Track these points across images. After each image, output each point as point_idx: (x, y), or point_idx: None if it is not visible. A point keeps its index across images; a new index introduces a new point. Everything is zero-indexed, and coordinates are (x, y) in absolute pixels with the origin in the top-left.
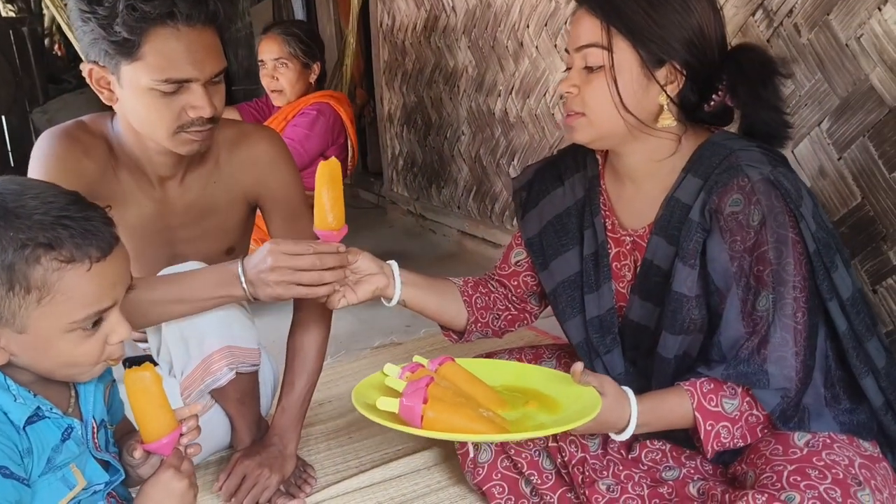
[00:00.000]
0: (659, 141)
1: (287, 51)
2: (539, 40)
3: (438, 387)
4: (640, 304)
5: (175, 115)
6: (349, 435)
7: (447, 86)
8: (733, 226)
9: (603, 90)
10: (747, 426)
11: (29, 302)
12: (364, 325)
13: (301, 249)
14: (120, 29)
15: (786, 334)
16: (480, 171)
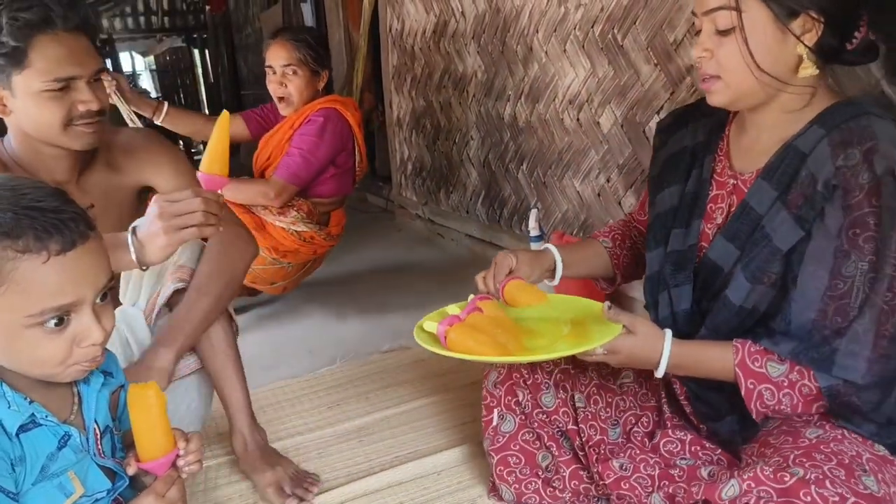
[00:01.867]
0: (794, 95)
1: (297, 57)
2: (548, 45)
3: (478, 316)
4: (723, 245)
5: (66, 111)
6: (360, 438)
7: (456, 90)
8: (844, 178)
9: (735, 52)
10: (801, 396)
11: None
12: (373, 329)
13: (183, 195)
14: (7, 39)
15: (870, 317)
16: (489, 176)
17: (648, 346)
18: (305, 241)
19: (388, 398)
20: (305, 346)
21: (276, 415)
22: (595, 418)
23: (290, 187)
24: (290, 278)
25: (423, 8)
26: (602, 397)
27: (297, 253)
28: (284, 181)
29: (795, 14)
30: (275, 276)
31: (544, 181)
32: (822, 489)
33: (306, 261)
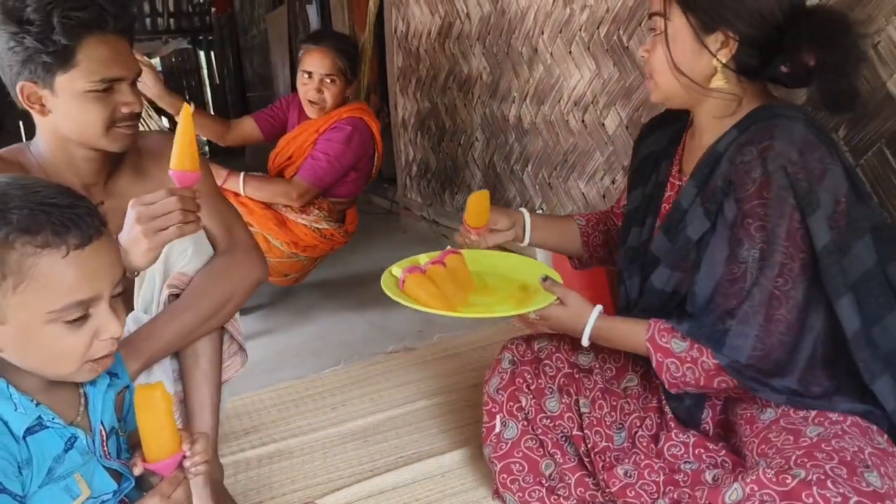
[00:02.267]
0: (719, 101)
1: (338, 66)
2: (553, 47)
3: (437, 269)
4: (662, 240)
5: (109, 112)
6: (364, 439)
7: (461, 92)
8: (739, 174)
9: (661, 55)
10: (703, 371)
11: (5, 289)
12: (377, 331)
13: (159, 196)
14: (59, 37)
15: (759, 300)
16: (494, 177)
17: (575, 317)
18: (325, 238)
19: (393, 399)
20: (309, 347)
21: (281, 415)
22: (600, 424)
23: (313, 189)
24: (303, 270)
25: (429, 9)
26: (607, 401)
27: (316, 248)
28: (308, 183)
29: (712, 29)
30: (290, 268)
31: (549, 182)
32: (824, 490)
33: (320, 256)
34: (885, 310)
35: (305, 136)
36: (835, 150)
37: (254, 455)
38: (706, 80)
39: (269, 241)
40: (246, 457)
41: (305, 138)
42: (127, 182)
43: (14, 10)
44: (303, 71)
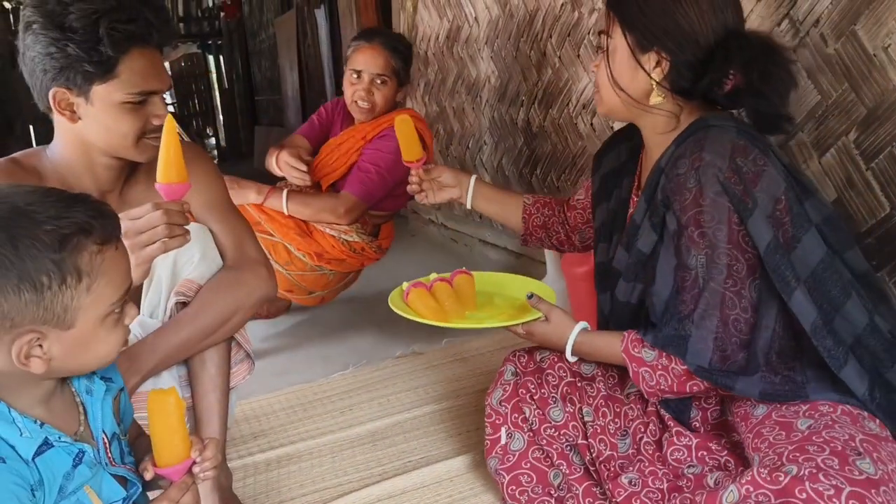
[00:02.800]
0: (658, 117)
1: (391, 66)
2: (562, 51)
3: (442, 285)
4: (622, 254)
5: (142, 123)
6: (373, 443)
7: (469, 95)
8: (675, 186)
9: (603, 70)
10: (674, 377)
11: (80, 291)
12: (386, 336)
13: (144, 210)
14: (105, 48)
15: (711, 302)
16: (503, 181)
17: (558, 333)
18: (355, 252)
19: (401, 403)
20: (318, 352)
21: (289, 419)
22: (604, 432)
23: (362, 205)
24: (330, 288)
25: (437, 14)
26: (610, 408)
27: (343, 262)
28: (358, 198)
29: (647, 48)
30: (315, 284)
31: (558, 185)
32: (816, 483)
33: (349, 271)
34: (843, 297)
35: (351, 143)
36: (770, 151)
37: (262, 459)
38: (644, 97)
39: (291, 252)
40: (255, 461)
41: (351, 146)
42: (141, 190)
43: (55, 16)
44: (351, 70)
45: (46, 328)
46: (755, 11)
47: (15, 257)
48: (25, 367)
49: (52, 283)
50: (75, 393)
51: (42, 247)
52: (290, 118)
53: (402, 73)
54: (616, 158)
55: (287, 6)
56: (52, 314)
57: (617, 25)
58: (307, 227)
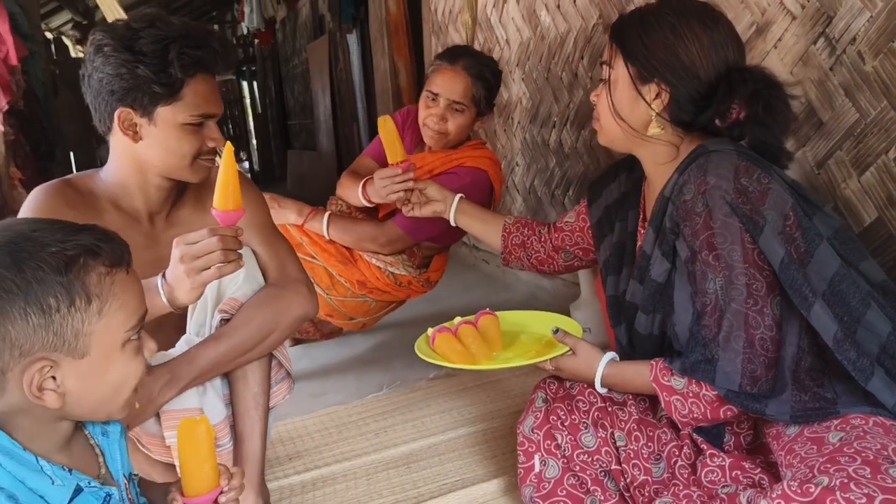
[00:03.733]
0: (658, 147)
1: (471, 94)
2: (593, 72)
3: (467, 328)
4: (635, 287)
5: (199, 145)
6: (407, 465)
7: (501, 118)
8: (684, 213)
9: (604, 101)
10: (706, 403)
11: (91, 314)
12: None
13: (201, 236)
14: (175, 71)
15: (735, 324)
16: (535, 202)
17: (585, 366)
18: (401, 286)
19: (435, 425)
20: (352, 373)
21: (324, 441)
22: (637, 456)
23: (407, 239)
24: (372, 316)
25: (468, 36)
26: (643, 432)
27: (387, 294)
28: (403, 232)
29: (648, 80)
30: (356, 311)
31: None
32: (848, 493)
33: (393, 301)
34: (862, 308)
35: (417, 174)
36: (772, 170)
37: (298, 481)
38: (644, 127)
39: (333, 277)
40: (290, 482)
41: (416, 176)
42: (188, 213)
43: (127, 40)
44: (428, 91)
45: (58, 355)
46: (790, 31)
47: (21, 280)
48: (39, 400)
49: (61, 305)
50: (89, 436)
51: (48, 268)
52: (323, 142)
53: (483, 102)
54: (617, 189)
55: (319, 32)
56: (62, 340)
57: (619, 56)
58: (351, 254)
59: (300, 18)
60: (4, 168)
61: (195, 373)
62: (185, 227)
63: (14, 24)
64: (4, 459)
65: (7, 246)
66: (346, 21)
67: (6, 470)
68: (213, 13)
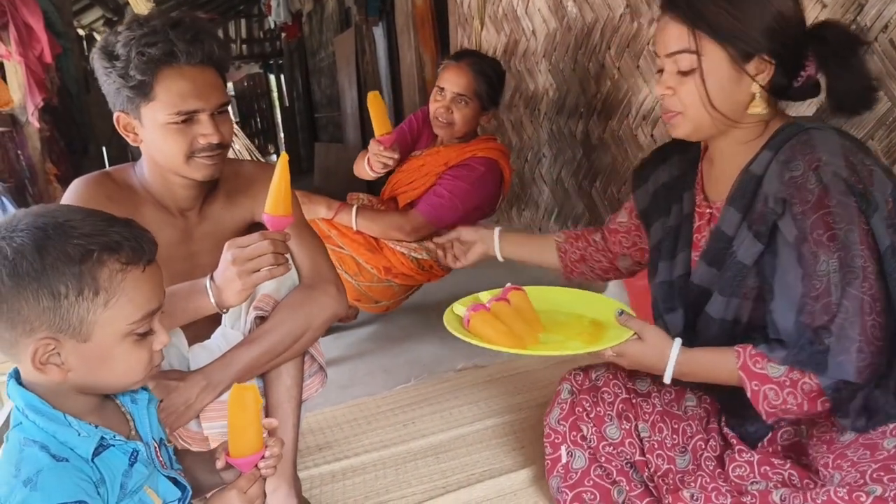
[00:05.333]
0: (746, 128)
1: (473, 88)
2: (621, 62)
3: (502, 306)
4: (705, 269)
5: (188, 143)
6: (436, 455)
7: (528, 109)
8: (793, 189)
9: (694, 91)
10: (804, 394)
11: (97, 305)
12: (447, 349)
13: (252, 239)
14: (134, 73)
15: (852, 310)
16: (562, 194)
17: (656, 353)
18: (423, 270)
19: (463, 416)
20: (380, 365)
21: (353, 432)
22: (661, 447)
23: (429, 226)
24: (395, 298)
25: (494, 28)
26: (667, 424)
27: (411, 278)
28: (426, 219)
29: (750, 56)
30: (381, 294)
31: (618, 198)
32: None
33: (415, 285)
34: None
35: (432, 167)
36: (870, 153)
37: (328, 470)
38: (742, 109)
39: (360, 265)
40: (320, 472)
41: (431, 168)
42: (219, 208)
43: (108, 45)
44: (437, 86)
45: (62, 337)
46: (820, 18)
47: (39, 266)
48: (42, 371)
49: (70, 293)
50: (120, 404)
51: (65, 258)
52: (350, 135)
53: (485, 97)
54: (668, 172)
55: (346, 25)
56: (67, 323)
57: (709, 40)
58: (377, 242)
59: (326, 11)
60: (40, 164)
61: (231, 377)
62: (217, 222)
63: (48, 22)
64: (35, 416)
65: (37, 231)
66: (372, 14)
67: (37, 425)
68: (239, 7)
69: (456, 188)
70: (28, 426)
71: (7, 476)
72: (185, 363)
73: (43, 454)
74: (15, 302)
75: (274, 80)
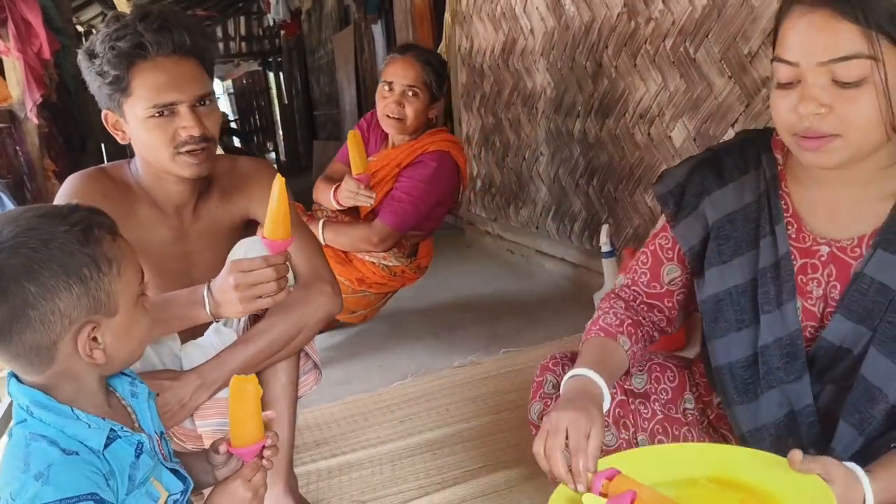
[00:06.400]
0: (890, 149)
1: (422, 79)
2: (618, 60)
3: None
4: (850, 327)
5: (170, 137)
6: (432, 451)
7: (525, 107)
8: None
9: (870, 108)
10: None
11: (114, 276)
12: (444, 345)
13: (256, 265)
14: (108, 68)
15: None
16: (559, 192)
17: (850, 495)
18: (395, 276)
19: (460, 413)
20: (377, 361)
21: (350, 428)
22: None
23: (395, 234)
24: (372, 307)
25: (492, 27)
26: (668, 434)
27: (384, 285)
28: (391, 228)
29: None
30: (356, 305)
31: (615, 196)
32: None
33: (391, 292)
34: None
35: (386, 171)
36: None
37: (324, 466)
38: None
39: None
40: (317, 468)
41: (386, 173)
42: (214, 206)
43: (90, 45)
44: (384, 82)
45: (98, 317)
46: None
47: (59, 257)
48: (91, 359)
49: (93, 272)
50: (120, 397)
51: (75, 242)
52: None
53: (434, 87)
54: (736, 198)
55: (345, 22)
56: (100, 302)
57: (887, 44)
58: (346, 255)
59: (326, 9)
60: (39, 160)
61: (226, 376)
62: (212, 220)
63: (46, 18)
64: (43, 413)
65: (27, 233)
66: (371, 11)
67: (43, 421)
68: (239, 4)
69: (413, 189)
70: (33, 422)
71: (15, 472)
72: (178, 362)
73: (52, 448)
74: (47, 303)
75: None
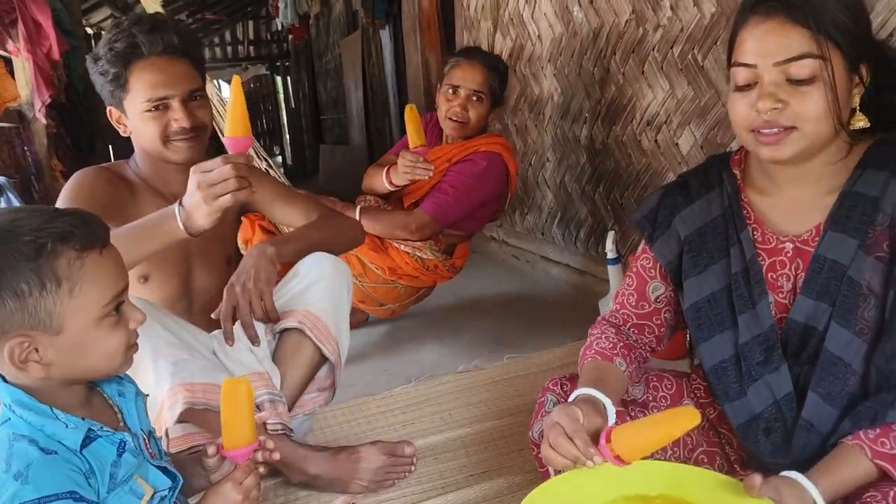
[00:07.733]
0: (839, 146)
1: (488, 84)
2: (626, 67)
3: None
4: (811, 304)
5: (162, 128)
6: (435, 456)
7: (532, 113)
8: None
9: (820, 102)
10: None
11: (62, 296)
12: (448, 350)
13: (214, 164)
14: (108, 67)
15: None
16: (565, 198)
17: None
18: (428, 270)
19: (462, 417)
20: (381, 365)
21: (352, 431)
22: None
23: (434, 225)
24: (401, 302)
25: (500, 32)
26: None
27: (416, 279)
28: (430, 217)
29: (857, 66)
30: (385, 296)
31: (621, 203)
32: None
33: (421, 287)
34: None
35: (437, 165)
36: None
37: None
38: (845, 122)
39: (365, 265)
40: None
41: (437, 166)
42: None
43: (96, 50)
44: (448, 85)
45: (35, 333)
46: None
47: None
48: (23, 371)
49: (32, 289)
50: (107, 397)
51: (20, 256)
52: (355, 136)
53: (497, 93)
54: (703, 213)
55: (353, 27)
56: (37, 320)
57: (832, 46)
58: (381, 242)
59: (334, 14)
60: (46, 160)
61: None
62: None
63: (56, 19)
64: (22, 411)
65: None
66: (379, 16)
67: (25, 420)
68: (247, 9)
69: (460, 183)
70: (16, 421)
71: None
72: None
73: (32, 448)
74: None
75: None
